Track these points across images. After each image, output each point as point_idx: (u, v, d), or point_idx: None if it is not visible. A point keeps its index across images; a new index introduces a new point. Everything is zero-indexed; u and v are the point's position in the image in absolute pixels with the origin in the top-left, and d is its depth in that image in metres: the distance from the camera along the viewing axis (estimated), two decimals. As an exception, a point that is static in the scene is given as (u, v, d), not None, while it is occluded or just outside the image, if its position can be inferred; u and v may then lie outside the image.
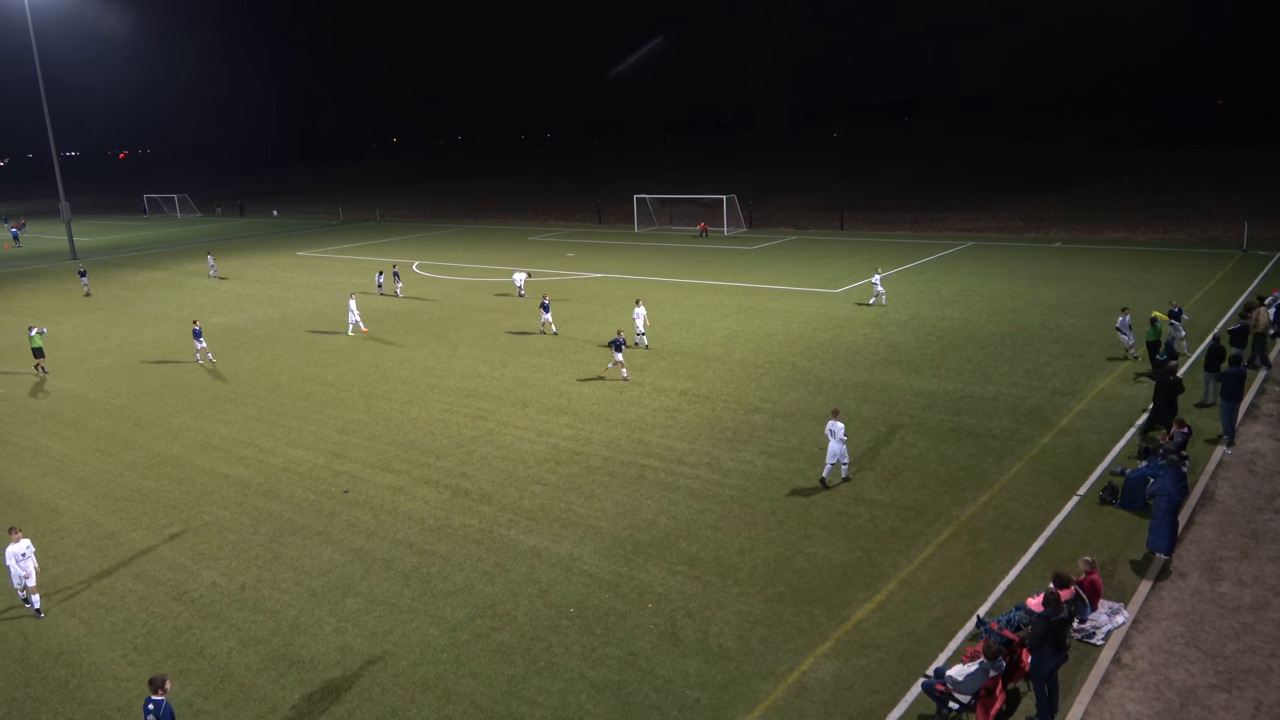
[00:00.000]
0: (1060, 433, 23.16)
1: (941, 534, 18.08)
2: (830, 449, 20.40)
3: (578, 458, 23.22)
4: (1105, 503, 18.95)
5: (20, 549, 16.67)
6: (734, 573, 17.04)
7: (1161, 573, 16.21)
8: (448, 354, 34.87)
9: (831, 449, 20.37)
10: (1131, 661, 13.79)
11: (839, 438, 20.21)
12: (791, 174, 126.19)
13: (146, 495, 22.41)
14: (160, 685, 11.99)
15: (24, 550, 16.71)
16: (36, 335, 33.71)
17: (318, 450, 24.89)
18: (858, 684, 13.58)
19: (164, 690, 11.99)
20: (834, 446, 20.32)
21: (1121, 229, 59.33)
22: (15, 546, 16.64)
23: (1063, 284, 41.99)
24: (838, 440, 20.22)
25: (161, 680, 12.03)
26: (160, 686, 11.98)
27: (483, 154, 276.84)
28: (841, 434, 20.21)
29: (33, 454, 25.91)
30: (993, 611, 15.15)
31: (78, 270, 57.83)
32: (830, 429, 20.31)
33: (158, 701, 11.84)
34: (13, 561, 16.54)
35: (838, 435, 20.19)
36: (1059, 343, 31.53)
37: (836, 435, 20.19)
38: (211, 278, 58.90)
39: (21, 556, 16.64)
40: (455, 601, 16.56)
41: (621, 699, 13.55)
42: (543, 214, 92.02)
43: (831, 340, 33.74)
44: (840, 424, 20.26)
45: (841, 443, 20.27)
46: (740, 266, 52.84)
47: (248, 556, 18.81)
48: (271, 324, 42.61)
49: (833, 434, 20.24)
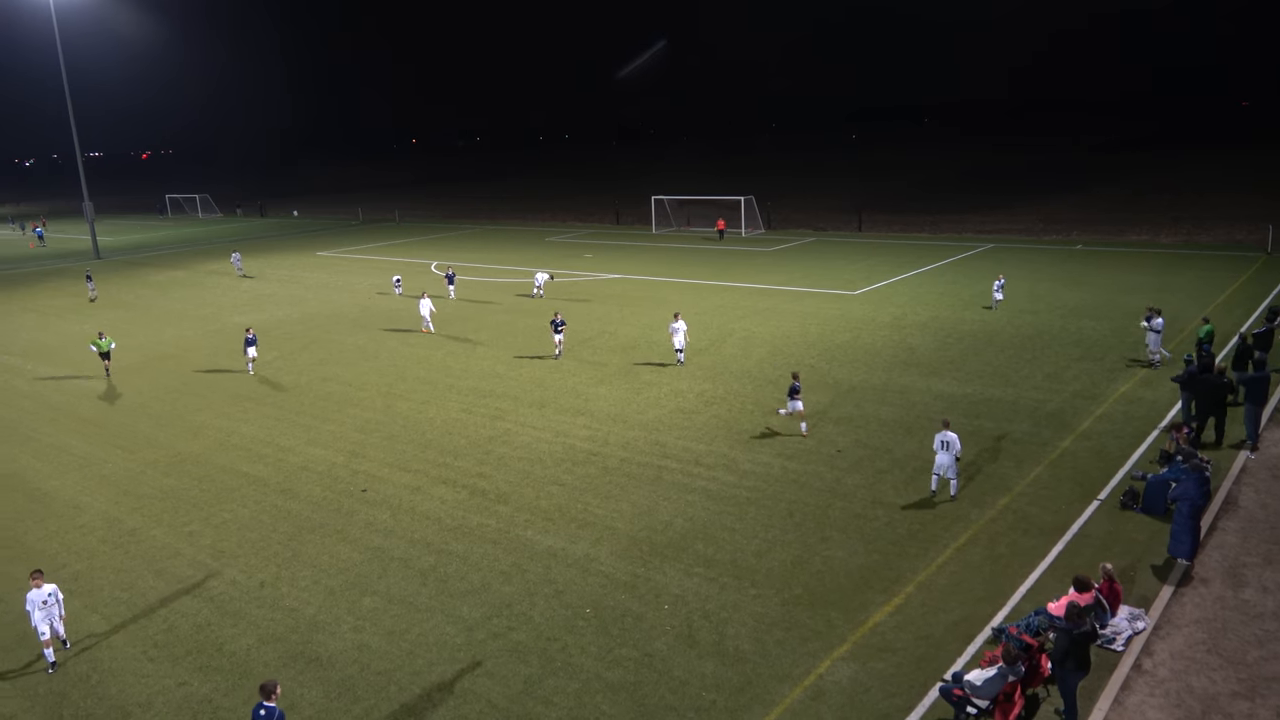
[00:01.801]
0: (1081, 436, 22.97)
1: (960, 538, 17.97)
2: (938, 460, 19.35)
3: (594, 458, 23.24)
4: (1126, 507, 18.78)
5: (43, 595, 15.08)
6: (750, 575, 17.00)
7: (1183, 578, 16.06)
8: (465, 354, 34.98)
9: (939, 460, 19.31)
10: (1152, 668, 13.66)
11: (954, 451, 19.13)
12: (810, 175, 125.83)
13: (167, 493, 22.60)
14: (271, 691, 11.52)
15: (46, 596, 15.09)
16: (105, 341, 34.12)
17: (336, 449, 25.03)
18: (875, 688, 13.51)
19: (275, 696, 11.54)
20: (942, 458, 19.25)
21: (1143, 231, 58.80)
22: (37, 592, 15.06)
23: (1083, 287, 41.66)
24: (950, 454, 19.14)
25: (273, 686, 11.58)
26: (272, 693, 11.51)
27: (501, 155, 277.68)
28: (957, 448, 19.16)
29: (56, 451, 26.19)
30: (1011, 616, 15.05)
31: (85, 274, 57.87)
32: (943, 439, 19.17)
33: (270, 709, 11.38)
34: (34, 609, 14.99)
35: (953, 448, 19.10)
36: (1079, 346, 31.28)
37: (951, 448, 19.10)
38: (239, 275, 59.54)
39: (43, 604, 15.04)
40: (472, 601, 16.61)
41: (637, 700, 13.54)
42: (561, 215, 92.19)
43: (849, 342, 33.61)
44: (954, 435, 19.22)
45: (955, 457, 19.20)
46: (758, 268, 52.74)
47: (266, 554, 18.94)
48: (291, 323, 42.89)
49: (946, 446, 19.13)
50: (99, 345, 34.02)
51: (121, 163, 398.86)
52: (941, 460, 19.29)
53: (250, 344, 33.64)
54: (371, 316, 43.64)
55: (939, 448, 19.30)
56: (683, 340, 31.27)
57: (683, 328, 31.39)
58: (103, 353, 34.06)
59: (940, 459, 19.31)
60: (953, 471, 19.32)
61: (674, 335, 31.27)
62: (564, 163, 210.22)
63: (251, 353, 33.65)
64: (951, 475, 19.36)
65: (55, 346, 40.48)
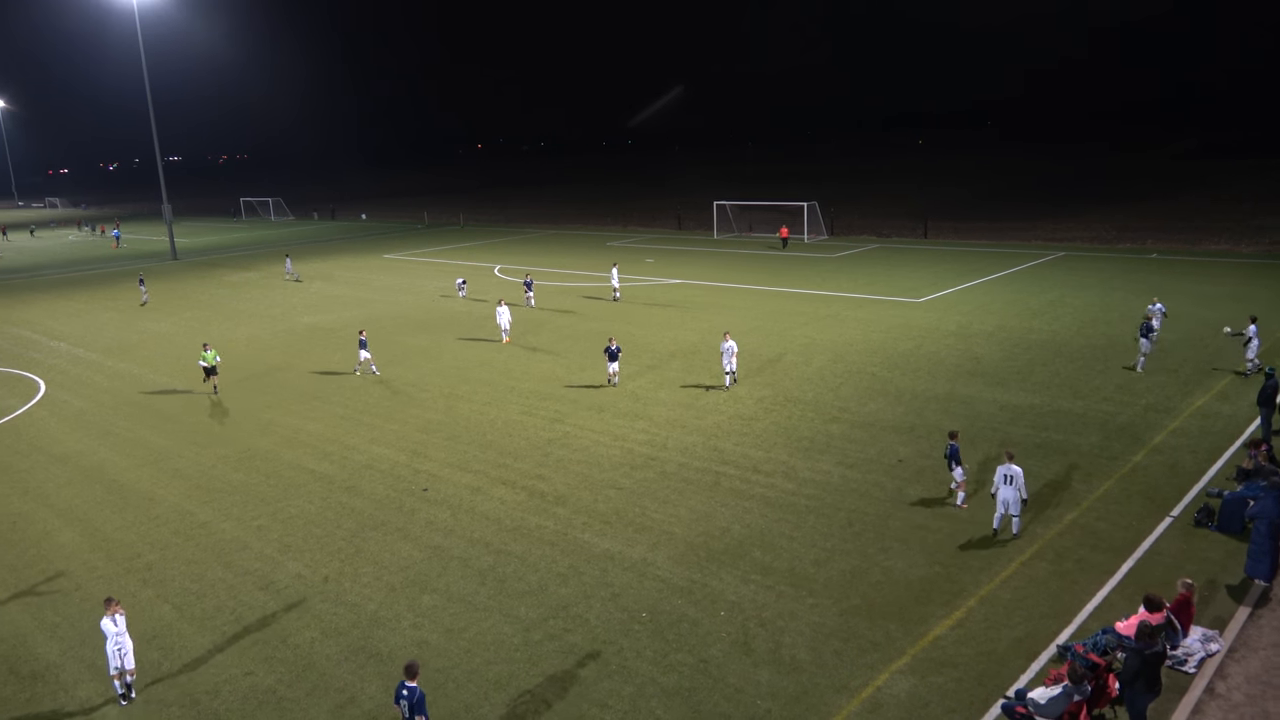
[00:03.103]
0: (1153, 451, 22.29)
1: (1025, 552, 17.56)
2: (1000, 496, 17.91)
3: (653, 463, 23.26)
4: (1200, 525, 18.16)
5: (115, 626, 14.16)
6: (808, 583, 16.85)
7: (1260, 600, 15.46)
8: (526, 356, 35.32)
9: (1003, 495, 17.88)
10: (1226, 692, 13.18)
11: (1017, 485, 17.68)
12: (872, 180, 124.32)
13: (237, 487, 23.25)
14: (414, 672, 11.92)
15: (116, 626, 14.17)
16: (211, 354, 31.95)
17: (399, 448, 25.48)
18: (934, 702, 13.27)
19: (416, 677, 11.94)
20: (1006, 493, 17.82)
21: (1223, 240, 56.81)
22: (109, 621, 14.16)
23: (1158, 297, 40.36)
24: (1013, 488, 17.71)
25: (416, 667, 11.98)
26: (415, 673, 11.91)
27: (565, 160, 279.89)
28: (1021, 482, 17.70)
29: (133, 445, 27.14)
30: (1078, 634, 14.66)
31: (138, 278, 58.23)
32: (1006, 472, 17.76)
33: (411, 689, 11.75)
34: (110, 639, 14.08)
35: (1017, 481, 17.67)
36: (1153, 358, 30.34)
37: (1016, 481, 17.68)
38: (288, 279, 60.57)
39: (118, 633, 14.14)
40: (529, 602, 16.75)
41: (692, 706, 13.51)
42: (622, 219, 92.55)
43: (913, 350, 33.11)
44: (1018, 469, 17.78)
45: (1018, 491, 17.73)
46: (820, 274, 52.27)
47: (331, 550, 19.36)
48: (358, 325, 43.76)
49: (1008, 479, 17.74)
50: (205, 359, 31.90)
51: (199, 166, 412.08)
52: (1005, 495, 17.85)
53: (362, 346, 33.26)
54: (435, 319, 44.35)
55: (1000, 481, 17.88)
56: (733, 362, 29.06)
57: (733, 348, 29.03)
58: (209, 367, 31.82)
59: (1004, 494, 17.86)
60: (1016, 508, 17.86)
61: (724, 356, 29.10)
62: (626, 168, 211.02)
63: (363, 355, 33.16)
64: (1015, 512, 17.91)
65: (134, 344, 41.95)
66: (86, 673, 15.26)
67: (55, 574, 18.95)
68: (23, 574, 19.04)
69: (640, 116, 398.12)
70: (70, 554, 19.84)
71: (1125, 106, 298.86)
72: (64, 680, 15.10)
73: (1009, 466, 17.83)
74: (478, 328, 41.22)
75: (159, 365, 37.26)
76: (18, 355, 40.65)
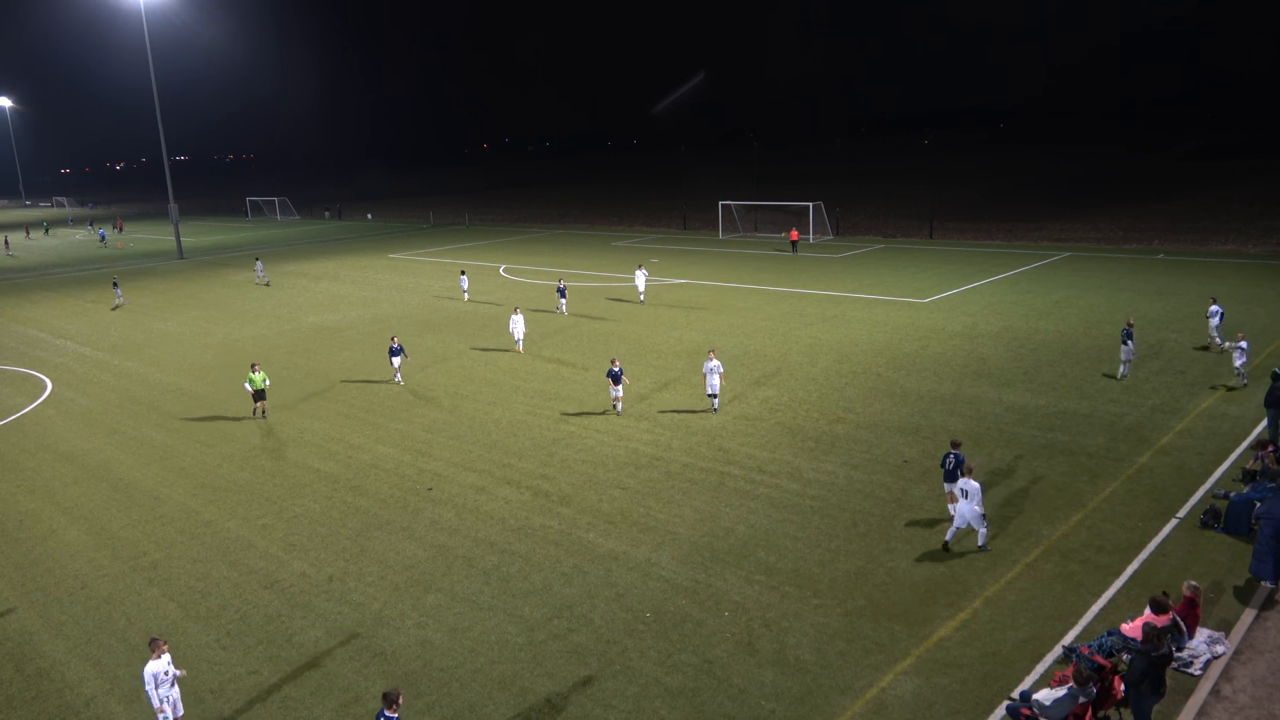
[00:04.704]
0: (1160, 452, 22.22)
1: (1030, 553, 17.52)
2: (959, 510, 17.28)
3: (657, 463, 23.26)
4: (1207, 526, 18.10)
5: (162, 666, 12.79)
6: (813, 584, 16.83)
7: (1266, 602, 15.41)
8: (531, 356, 35.34)
9: (960, 510, 17.25)
10: (1232, 694, 13.13)
11: (974, 501, 16.99)
12: (878, 181, 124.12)
13: (242, 486, 23.30)
14: (394, 701, 11.12)
15: (166, 668, 12.82)
16: (259, 376, 28.74)
17: (404, 448, 25.50)
18: (939, 703, 13.25)
19: (397, 706, 11.20)
20: (962, 507, 17.20)
21: (1230, 241, 56.64)
22: (156, 664, 12.76)
23: (1165, 297, 40.31)
24: (971, 504, 17.06)
25: (396, 696, 11.18)
26: (394, 702, 11.12)
27: (570, 160, 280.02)
28: (978, 498, 17.00)
29: (139, 444, 27.20)
30: (1083, 636, 14.62)
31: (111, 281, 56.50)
32: (962, 486, 17.19)
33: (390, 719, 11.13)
34: (152, 684, 12.70)
35: (972, 497, 16.99)
36: (1160, 358, 30.26)
37: (971, 497, 17.00)
38: (258, 283, 59.26)
39: (165, 677, 12.81)
40: (534, 601, 16.76)
41: (696, 706, 13.50)
42: (628, 219, 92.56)
43: (918, 351, 33.06)
44: (976, 484, 17.08)
45: (976, 509, 17.08)
46: (826, 274, 52.22)
47: (335, 549, 19.38)
48: (364, 324, 43.87)
49: (964, 493, 17.10)
50: (252, 381, 28.70)
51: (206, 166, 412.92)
52: (962, 509, 17.18)
53: (394, 354, 31.65)
54: (440, 318, 44.40)
55: (960, 494, 17.23)
56: (718, 383, 26.53)
57: (718, 367, 26.50)
58: (256, 390, 28.71)
59: (961, 507, 17.18)
60: (980, 523, 17.23)
61: (708, 376, 26.50)
62: (632, 168, 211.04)
63: (396, 362, 31.73)
64: (977, 527, 17.31)
65: (141, 343, 42.06)
66: (91, 670, 15.31)
67: (61, 572, 19.01)
68: (29, 571, 19.11)
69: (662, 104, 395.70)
70: (76, 552, 19.90)
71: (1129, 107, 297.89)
72: (69, 678, 15.15)
73: (967, 481, 17.22)
74: (483, 327, 41.25)
75: (165, 364, 37.36)
76: (24, 354, 40.81)
